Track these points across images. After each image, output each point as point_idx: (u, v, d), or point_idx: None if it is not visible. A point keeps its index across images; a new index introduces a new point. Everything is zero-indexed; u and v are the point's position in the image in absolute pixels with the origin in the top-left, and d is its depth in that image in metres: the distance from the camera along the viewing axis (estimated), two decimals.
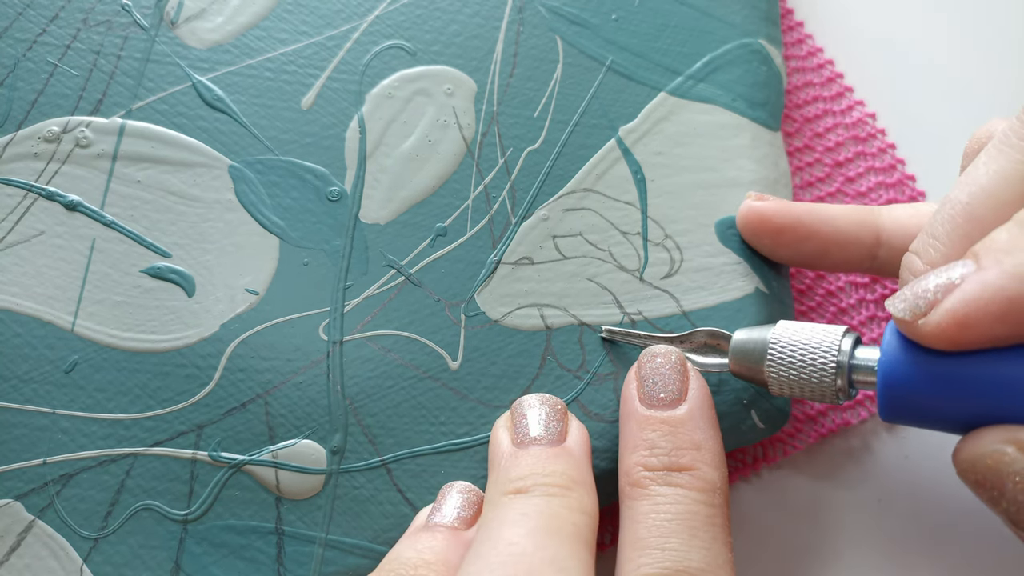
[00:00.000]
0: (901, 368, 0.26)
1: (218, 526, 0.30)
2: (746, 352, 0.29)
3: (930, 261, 0.27)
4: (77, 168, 0.33)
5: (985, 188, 0.26)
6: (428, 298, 0.33)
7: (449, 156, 0.34)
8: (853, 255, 0.32)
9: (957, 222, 0.26)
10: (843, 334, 0.28)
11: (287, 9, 0.36)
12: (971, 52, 0.41)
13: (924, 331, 0.25)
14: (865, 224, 0.32)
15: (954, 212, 0.26)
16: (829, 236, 0.32)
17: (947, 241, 0.26)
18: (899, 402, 0.26)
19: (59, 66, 0.34)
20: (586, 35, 0.36)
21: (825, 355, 0.28)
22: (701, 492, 0.27)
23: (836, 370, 0.28)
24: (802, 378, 0.28)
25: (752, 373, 0.29)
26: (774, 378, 0.29)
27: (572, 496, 0.27)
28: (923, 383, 0.26)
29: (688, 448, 0.28)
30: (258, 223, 0.33)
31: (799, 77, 0.40)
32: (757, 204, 0.33)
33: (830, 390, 0.28)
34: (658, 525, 0.26)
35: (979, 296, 0.24)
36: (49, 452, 0.31)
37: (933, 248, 0.27)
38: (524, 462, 0.28)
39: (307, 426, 0.31)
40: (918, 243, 0.27)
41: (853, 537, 0.34)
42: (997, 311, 0.24)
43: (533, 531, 0.26)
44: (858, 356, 0.28)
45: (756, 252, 0.34)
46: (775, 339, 0.29)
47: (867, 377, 0.28)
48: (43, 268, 0.32)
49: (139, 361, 0.32)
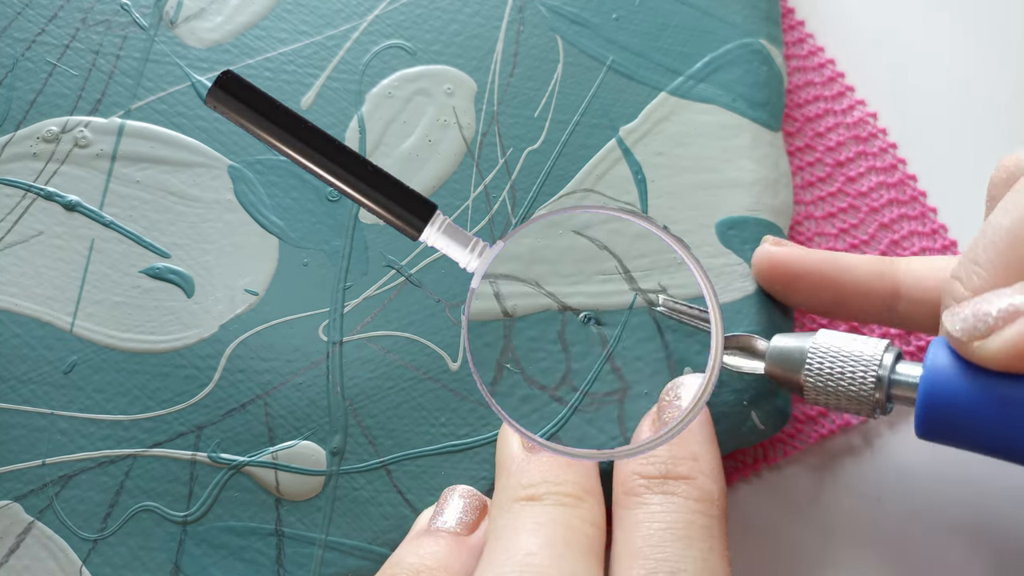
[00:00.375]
0: (948, 386, 0.26)
1: (218, 527, 0.30)
2: (785, 357, 0.29)
3: (973, 288, 0.26)
4: (76, 168, 0.33)
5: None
6: (428, 299, 0.33)
7: (449, 156, 0.34)
8: (870, 306, 0.31)
9: (1000, 248, 0.26)
10: (885, 348, 0.28)
11: (287, 9, 0.36)
12: (972, 52, 0.41)
13: (981, 354, 0.25)
14: (884, 276, 0.31)
15: (997, 238, 0.26)
16: (846, 286, 0.31)
17: (990, 267, 0.26)
18: (942, 420, 0.26)
19: (58, 66, 0.34)
20: (586, 35, 0.36)
21: (866, 367, 0.28)
22: (698, 502, 0.27)
23: (876, 383, 0.28)
24: (839, 388, 0.28)
25: (789, 377, 0.29)
26: (811, 385, 0.29)
27: (584, 507, 0.27)
28: (975, 403, 0.26)
29: (686, 458, 0.27)
30: (257, 223, 0.33)
31: (800, 76, 0.40)
32: (774, 250, 0.32)
33: (868, 403, 0.28)
34: (653, 534, 0.26)
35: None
36: (48, 453, 0.31)
37: (976, 275, 0.26)
38: (536, 468, 0.28)
39: (307, 427, 0.31)
40: (960, 269, 0.27)
41: (853, 537, 0.34)
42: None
43: (549, 541, 0.26)
44: (899, 371, 0.28)
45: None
46: (815, 347, 0.29)
47: (906, 393, 0.28)
48: (42, 268, 0.32)
49: (138, 362, 0.32)
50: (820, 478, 0.35)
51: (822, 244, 0.37)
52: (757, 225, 0.34)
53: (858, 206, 0.38)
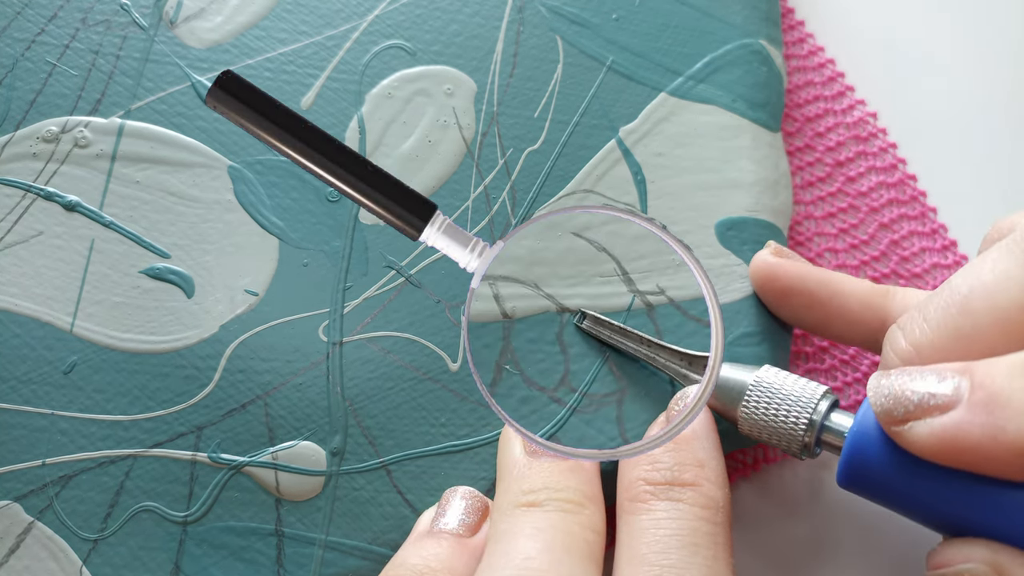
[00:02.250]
0: (871, 446, 0.26)
1: (218, 528, 0.30)
2: (725, 389, 0.30)
3: (913, 342, 0.26)
4: (76, 168, 0.33)
5: (986, 286, 0.26)
6: (428, 299, 0.33)
7: (449, 156, 0.34)
8: (856, 334, 0.31)
9: (951, 312, 0.26)
10: (822, 394, 0.29)
11: (286, 9, 0.36)
12: (972, 52, 0.41)
13: (898, 438, 0.25)
14: (874, 308, 0.31)
15: (950, 301, 0.26)
16: (835, 311, 0.31)
17: (936, 328, 0.26)
18: (860, 477, 0.27)
19: (58, 66, 0.34)
20: (586, 35, 0.36)
21: (800, 409, 0.28)
22: (704, 509, 0.27)
23: (807, 426, 0.28)
24: (772, 426, 0.29)
25: (724, 409, 0.30)
26: (745, 418, 0.29)
27: (584, 513, 0.27)
28: (892, 471, 0.26)
29: (691, 464, 0.27)
30: (257, 224, 0.33)
31: (800, 76, 0.40)
32: (772, 259, 0.32)
33: (797, 444, 0.29)
34: (658, 541, 0.26)
35: (956, 439, 0.24)
36: (48, 453, 0.31)
37: (920, 330, 0.26)
38: (537, 474, 0.28)
39: (307, 427, 0.31)
40: (907, 319, 0.27)
41: (853, 537, 0.34)
42: (972, 460, 0.24)
43: (549, 547, 0.26)
44: (832, 419, 0.28)
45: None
46: (756, 382, 0.29)
47: (835, 441, 0.28)
48: (42, 268, 0.32)
49: (138, 362, 0.32)
50: (820, 477, 0.35)
51: (822, 244, 0.37)
52: (757, 226, 0.34)
53: (858, 206, 0.38)
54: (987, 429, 0.24)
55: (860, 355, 0.36)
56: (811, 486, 0.34)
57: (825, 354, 0.36)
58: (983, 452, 0.24)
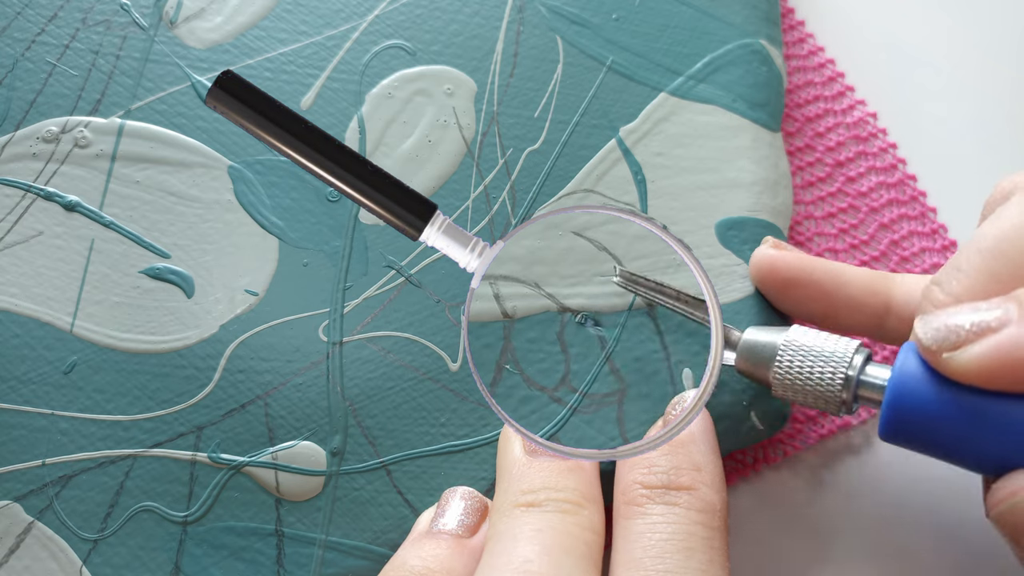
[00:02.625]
0: (914, 392, 0.26)
1: (218, 528, 0.30)
2: (755, 351, 0.29)
3: (951, 292, 0.26)
4: (76, 168, 0.33)
5: (1017, 226, 0.26)
6: (428, 299, 0.33)
7: (449, 156, 0.34)
8: (860, 320, 0.31)
9: (984, 256, 0.26)
10: (856, 348, 0.28)
11: (286, 9, 0.36)
12: (972, 52, 0.41)
13: (950, 366, 0.25)
14: (877, 292, 0.31)
15: (982, 247, 0.26)
16: (839, 299, 0.31)
17: (972, 275, 0.26)
18: (905, 424, 0.26)
19: (58, 66, 0.34)
20: (586, 35, 0.36)
21: (835, 366, 0.28)
22: (700, 513, 0.26)
23: (844, 382, 0.28)
24: (807, 385, 0.28)
25: (757, 372, 0.29)
26: (779, 381, 0.29)
27: (584, 514, 0.27)
28: (941, 411, 0.26)
29: (688, 468, 0.27)
30: (257, 224, 0.33)
31: (800, 76, 0.40)
32: (772, 252, 0.32)
33: (834, 401, 0.28)
34: (653, 545, 0.26)
35: (1012, 352, 0.24)
36: (48, 453, 0.31)
37: (956, 280, 0.26)
38: (537, 474, 0.28)
39: (307, 427, 0.31)
40: (942, 274, 0.27)
41: (853, 537, 0.34)
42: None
43: (548, 549, 0.26)
44: (868, 372, 0.28)
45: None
46: (787, 343, 0.29)
47: (873, 395, 0.28)
48: (42, 269, 0.32)
49: (138, 362, 0.32)
50: (820, 478, 0.35)
51: (822, 244, 0.37)
52: (757, 226, 0.34)
53: (858, 206, 0.38)
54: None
55: None
56: (811, 487, 0.34)
57: None
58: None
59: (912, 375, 0.26)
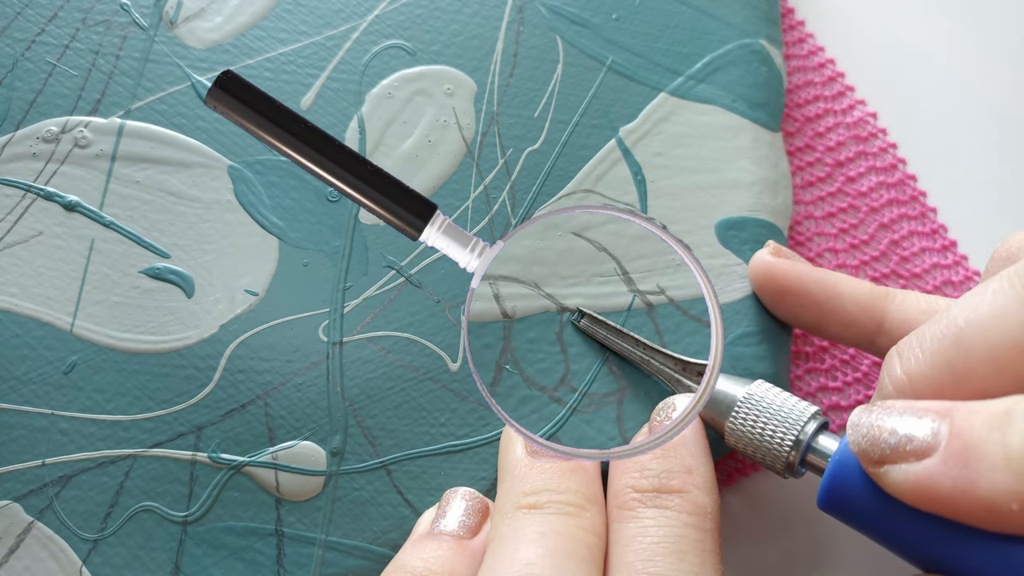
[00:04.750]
0: (851, 475, 0.26)
1: (218, 528, 0.30)
2: (715, 400, 0.30)
3: (907, 371, 0.26)
4: (76, 168, 0.33)
5: (983, 321, 0.25)
6: (428, 299, 0.33)
7: (449, 156, 0.34)
8: (851, 335, 0.31)
9: (945, 344, 0.25)
10: (812, 415, 0.28)
11: (286, 9, 0.36)
12: (972, 52, 0.41)
13: (878, 479, 0.25)
14: (870, 309, 0.31)
15: (946, 333, 0.26)
16: (831, 312, 0.31)
17: (930, 359, 0.26)
18: (839, 503, 0.26)
19: (58, 66, 0.34)
20: (586, 35, 0.36)
21: (788, 427, 0.28)
22: (691, 515, 0.26)
23: (793, 445, 0.28)
24: (757, 442, 0.29)
25: (713, 420, 0.30)
26: (731, 431, 0.29)
27: (586, 516, 0.27)
28: (870, 502, 0.26)
29: (679, 471, 0.27)
30: (257, 223, 0.33)
31: (800, 76, 0.40)
32: (770, 259, 0.32)
33: (781, 462, 0.28)
34: (645, 548, 0.26)
35: (929, 489, 0.24)
36: (48, 453, 0.31)
37: (915, 359, 0.26)
38: (538, 475, 0.28)
39: (307, 427, 0.31)
40: (904, 345, 0.27)
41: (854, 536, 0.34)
42: (943, 510, 0.24)
43: (551, 552, 0.25)
44: (819, 441, 0.28)
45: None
46: (747, 398, 0.29)
47: (819, 463, 0.28)
48: (42, 269, 0.32)
49: (138, 362, 0.32)
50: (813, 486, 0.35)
51: (822, 244, 0.37)
52: (756, 226, 0.34)
53: (858, 206, 0.38)
54: (959, 482, 0.23)
55: (860, 355, 0.36)
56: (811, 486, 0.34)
57: (825, 354, 0.36)
58: (954, 504, 0.23)
59: (852, 459, 0.26)
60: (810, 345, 0.36)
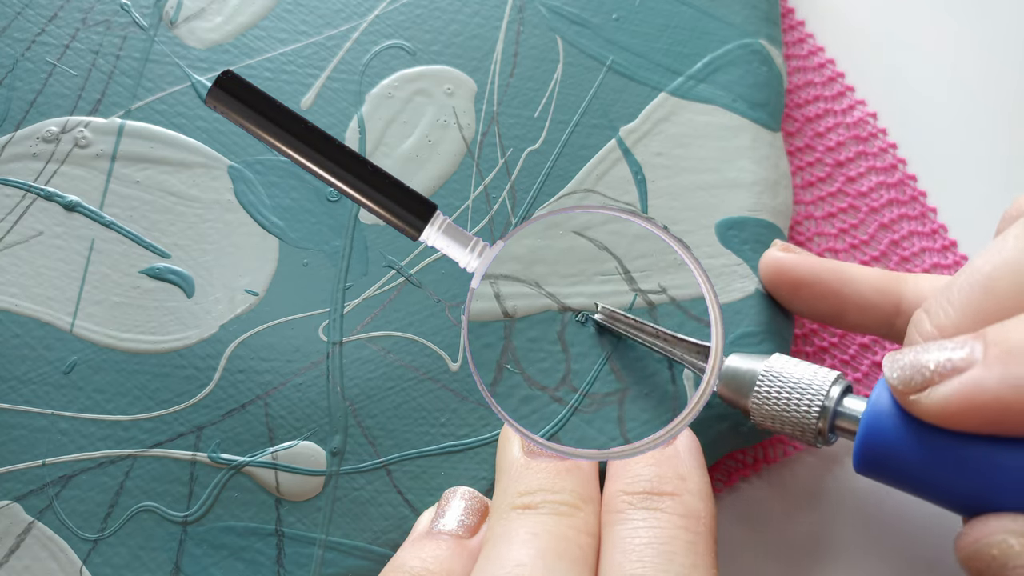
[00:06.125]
0: (886, 428, 0.26)
1: (218, 528, 0.30)
2: (736, 379, 0.29)
3: (938, 324, 0.26)
4: (76, 168, 0.33)
5: (1009, 263, 0.25)
6: (428, 299, 0.33)
7: (449, 156, 0.34)
8: (870, 320, 0.31)
9: (974, 292, 0.26)
10: (834, 380, 0.28)
11: (286, 9, 0.36)
12: (972, 52, 0.41)
13: (916, 408, 0.25)
14: (887, 292, 0.31)
15: (973, 281, 0.26)
16: (848, 299, 0.31)
17: (960, 308, 0.26)
18: (877, 460, 0.26)
19: (58, 66, 0.34)
20: (586, 35, 0.36)
21: (812, 396, 0.28)
22: (682, 518, 0.26)
23: (820, 413, 0.28)
24: (784, 414, 0.28)
25: (737, 399, 0.29)
26: (757, 408, 0.29)
27: (580, 516, 0.27)
28: (911, 450, 0.26)
29: (672, 478, 0.27)
30: (257, 223, 0.33)
31: (800, 76, 0.40)
32: (780, 255, 0.32)
33: (810, 431, 0.28)
34: (633, 548, 0.25)
35: (976, 395, 0.24)
36: (48, 453, 0.31)
37: (944, 313, 0.26)
38: (534, 475, 0.28)
39: (307, 427, 0.31)
40: (931, 303, 0.27)
41: (855, 536, 0.34)
42: (992, 415, 0.24)
43: (542, 553, 0.25)
44: (845, 404, 0.28)
45: (756, 253, 0.34)
46: (766, 372, 0.29)
47: (849, 426, 0.28)
48: (42, 268, 0.32)
49: (138, 362, 0.32)
50: (821, 477, 0.35)
51: (822, 244, 0.37)
52: (757, 226, 0.34)
53: (858, 206, 0.38)
54: (1006, 380, 0.24)
55: (860, 356, 0.36)
56: (811, 486, 0.34)
57: (825, 354, 0.36)
58: (1003, 405, 0.24)
59: (884, 411, 0.26)
60: (810, 346, 0.36)
